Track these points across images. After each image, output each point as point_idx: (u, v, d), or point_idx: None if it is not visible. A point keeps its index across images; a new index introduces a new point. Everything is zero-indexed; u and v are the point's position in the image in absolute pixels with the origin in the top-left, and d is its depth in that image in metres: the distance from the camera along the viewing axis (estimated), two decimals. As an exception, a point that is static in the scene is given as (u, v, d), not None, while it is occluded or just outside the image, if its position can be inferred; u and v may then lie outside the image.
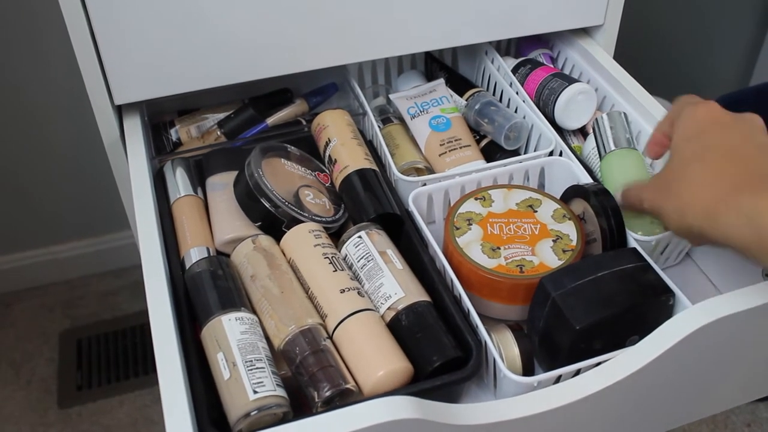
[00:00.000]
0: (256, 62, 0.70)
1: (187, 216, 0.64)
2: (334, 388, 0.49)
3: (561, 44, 0.85)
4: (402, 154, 0.73)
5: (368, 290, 0.57)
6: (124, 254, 1.66)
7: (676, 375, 0.52)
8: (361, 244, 0.59)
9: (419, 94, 0.78)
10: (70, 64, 0.74)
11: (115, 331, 1.57)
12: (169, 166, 0.68)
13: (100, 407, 1.42)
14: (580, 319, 0.51)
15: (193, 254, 0.60)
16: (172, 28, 0.66)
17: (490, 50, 0.83)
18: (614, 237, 0.59)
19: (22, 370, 1.49)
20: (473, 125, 0.76)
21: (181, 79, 0.69)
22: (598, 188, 0.61)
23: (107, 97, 0.68)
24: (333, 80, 0.83)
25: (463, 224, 0.61)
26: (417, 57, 0.88)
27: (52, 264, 1.63)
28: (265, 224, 0.62)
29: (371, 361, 0.51)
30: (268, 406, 0.47)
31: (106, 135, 0.70)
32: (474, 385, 0.56)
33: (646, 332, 0.48)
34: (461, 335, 0.54)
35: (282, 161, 0.67)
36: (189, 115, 0.80)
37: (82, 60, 0.65)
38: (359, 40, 0.72)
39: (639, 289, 0.53)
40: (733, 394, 0.63)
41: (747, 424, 1.40)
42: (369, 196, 0.64)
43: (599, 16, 0.80)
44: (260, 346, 0.51)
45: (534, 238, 0.60)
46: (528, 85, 0.78)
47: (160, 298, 0.52)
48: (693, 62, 1.81)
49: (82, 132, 1.43)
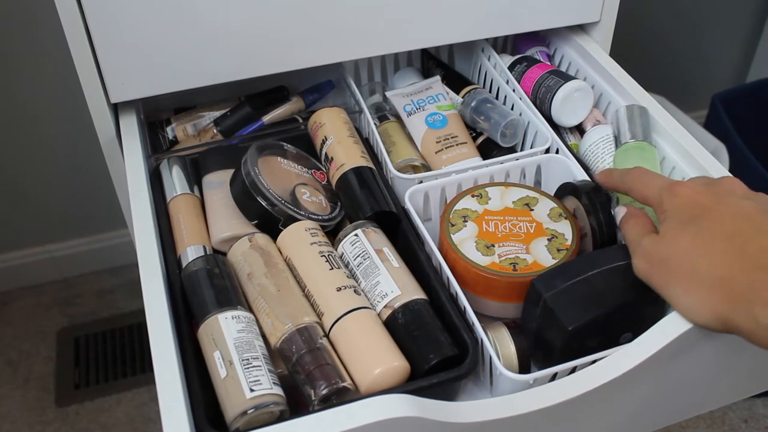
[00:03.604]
0: (253, 60, 0.70)
1: (183, 214, 0.64)
2: (330, 387, 0.49)
3: (557, 41, 0.85)
4: (398, 152, 0.73)
5: (365, 288, 0.57)
6: (121, 252, 1.66)
7: (672, 372, 0.52)
8: (358, 242, 0.59)
9: (415, 92, 0.78)
10: (65, 62, 0.74)
11: (112, 330, 1.57)
12: (166, 165, 0.68)
13: (97, 405, 1.42)
14: (572, 319, 0.51)
15: (190, 252, 0.60)
16: (169, 26, 0.65)
17: (487, 47, 0.83)
18: (603, 234, 0.59)
19: (19, 368, 1.49)
20: (470, 122, 0.76)
21: (177, 77, 0.69)
22: (589, 186, 0.62)
23: (103, 96, 0.68)
24: (329, 78, 0.83)
25: (459, 221, 0.61)
26: (413, 54, 0.88)
27: (49, 262, 1.63)
28: (262, 222, 0.62)
29: (368, 359, 0.51)
30: (265, 405, 0.47)
31: (102, 133, 0.70)
32: (470, 383, 0.57)
33: (640, 329, 0.49)
34: (458, 333, 0.54)
35: (278, 159, 0.67)
36: (185, 113, 0.80)
37: (78, 58, 0.65)
38: (356, 37, 0.72)
39: (631, 286, 0.53)
40: (730, 391, 0.64)
41: (744, 420, 1.41)
42: (365, 194, 0.64)
43: (595, 12, 0.80)
44: (257, 345, 0.51)
45: (529, 237, 0.60)
46: (524, 83, 0.78)
47: (157, 297, 0.52)
48: (689, 59, 1.81)
49: (78, 130, 1.43)
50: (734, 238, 0.44)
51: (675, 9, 1.71)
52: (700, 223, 0.46)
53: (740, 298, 0.42)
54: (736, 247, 0.44)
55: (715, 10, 1.74)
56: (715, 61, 1.81)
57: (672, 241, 0.47)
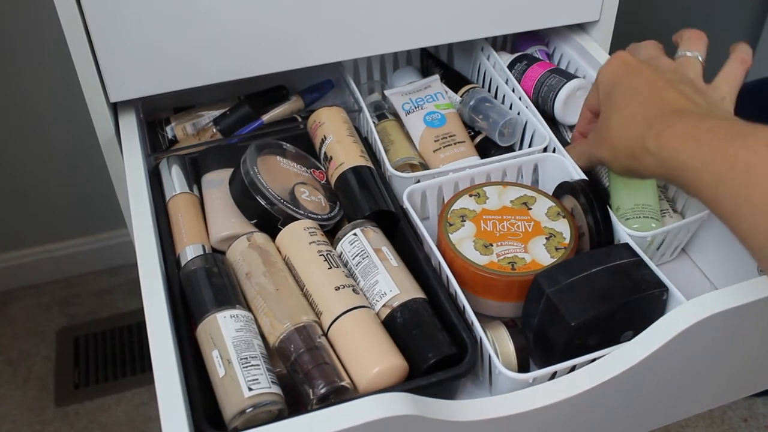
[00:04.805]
0: (252, 59, 0.70)
1: (182, 213, 0.64)
2: (329, 386, 0.49)
3: (557, 40, 0.85)
4: (396, 150, 0.73)
5: (363, 287, 0.57)
6: (121, 252, 1.66)
7: (671, 371, 0.52)
8: (357, 241, 0.59)
9: (414, 90, 0.78)
10: (65, 61, 0.74)
11: (112, 329, 1.57)
12: (165, 164, 0.68)
13: (97, 405, 1.42)
14: (575, 316, 0.51)
15: (189, 252, 0.60)
16: (168, 25, 0.65)
17: (486, 46, 0.83)
18: (601, 233, 0.59)
19: (19, 368, 1.49)
20: (468, 121, 0.76)
21: (176, 76, 0.69)
22: (586, 185, 0.62)
23: (102, 95, 0.68)
24: (329, 77, 0.83)
25: (457, 221, 0.61)
26: (413, 53, 0.88)
27: (48, 262, 1.63)
28: (261, 222, 0.62)
29: (366, 358, 0.51)
30: (263, 404, 0.47)
31: (102, 133, 0.70)
32: (469, 382, 0.57)
33: (641, 328, 0.49)
34: (456, 332, 0.54)
35: (277, 158, 0.67)
36: (185, 112, 0.80)
37: (77, 57, 0.65)
38: (355, 36, 0.72)
39: (633, 284, 0.53)
40: (730, 390, 0.64)
41: (743, 419, 1.41)
42: (364, 194, 0.64)
43: (595, 11, 0.80)
44: (255, 344, 0.51)
45: (527, 236, 0.60)
46: (525, 82, 0.78)
47: (156, 296, 0.52)
48: (689, 58, 1.80)
49: (77, 130, 1.43)
50: (638, 95, 0.54)
51: (674, 8, 1.71)
52: (614, 94, 0.56)
53: (640, 134, 0.51)
54: (641, 101, 0.53)
55: (715, 10, 1.74)
56: (715, 61, 1.81)
57: (601, 114, 0.58)
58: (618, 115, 0.54)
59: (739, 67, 0.60)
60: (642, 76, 0.55)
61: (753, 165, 0.41)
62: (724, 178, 0.43)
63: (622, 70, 0.57)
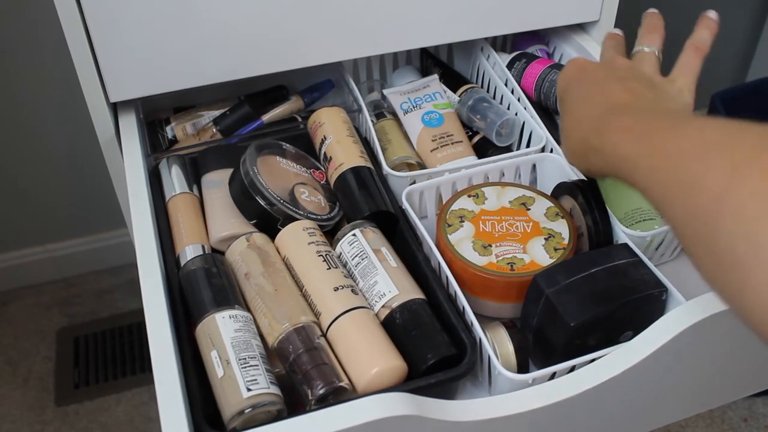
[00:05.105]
0: (252, 59, 0.70)
1: (182, 213, 0.64)
2: (327, 386, 0.49)
3: (557, 40, 0.85)
4: (394, 150, 0.73)
5: (362, 288, 0.57)
6: (121, 252, 1.66)
7: (670, 371, 0.52)
8: (356, 242, 0.59)
9: (413, 90, 0.78)
10: (65, 61, 0.74)
11: (112, 329, 1.57)
12: (165, 164, 0.68)
13: (97, 405, 1.42)
14: (574, 316, 0.51)
15: (188, 252, 0.60)
16: (168, 25, 0.65)
17: (486, 46, 0.83)
18: (600, 233, 0.59)
19: (19, 368, 1.49)
20: (466, 121, 0.76)
21: (176, 76, 0.69)
22: (584, 185, 0.62)
23: (102, 95, 0.68)
24: (328, 77, 0.83)
25: (455, 221, 0.61)
26: (412, 53, 0.88)
27: (48, 262, 1.63)
28: (260, 222, 0.62)
29: (365, 359, 0.51)
30: (262, 404, 0.47)
31: (102, 133, 0.70)
32: (469, 383, 0.56)
33: (640, 328, 0.49)
34: (456, 333, 0.54)
35: (277, 159, 0.67)
36: (184, 112, 0.80)
37: (77, 58, 0.65)
38: (355, 36, 0.72)
39: (632, 284, 0.53)
40: (729, 389, 0.64)
41: (743, 419, 1.41)
42: (363, 194, 0.64)
43: (595, 11, 0.80)
44: (254, 344, 0.51)
45: (526, 236, 0.60)
46: (526, 79, 0.78)
47: (156, 297, 0.52)
48: (689, 58, 1.80)
49: (77, 130, 1.43)
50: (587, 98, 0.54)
51: (674, 7, 1.70)
52: (566, 99, 0.57)
53: (587, 136, 0.51)
54: (588, 102, 0.53)
55: (715, 9, 1.74)
56: (714, 60, 1.81)
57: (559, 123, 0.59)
58: (569, 118, 0.55)
59: (693, 56, 0.60)
60: (592, 78, 0.55)
61: (684, 150, 0.41)
62: (657, 165, 0.42)
63: (575, 75, 0.57)
